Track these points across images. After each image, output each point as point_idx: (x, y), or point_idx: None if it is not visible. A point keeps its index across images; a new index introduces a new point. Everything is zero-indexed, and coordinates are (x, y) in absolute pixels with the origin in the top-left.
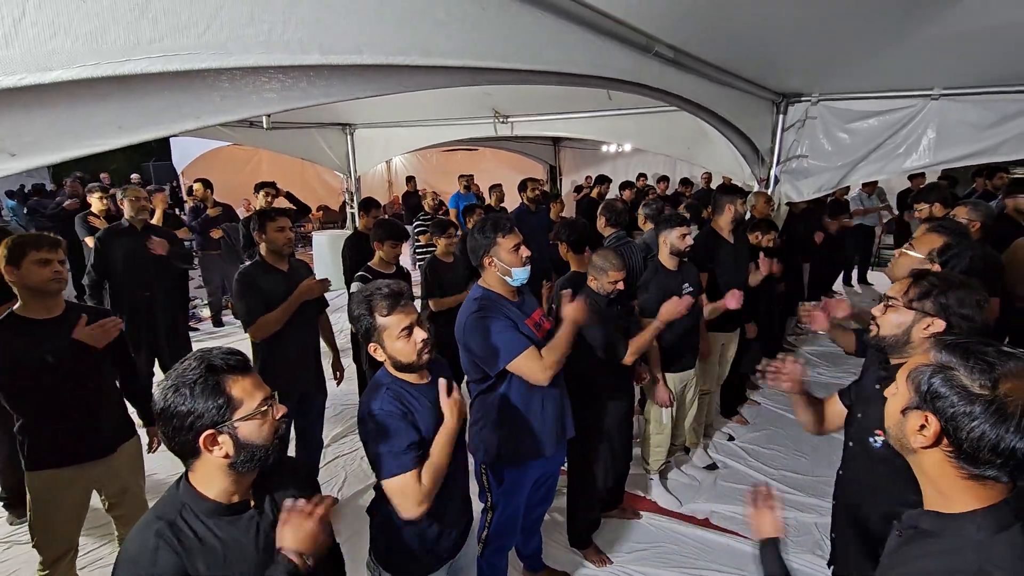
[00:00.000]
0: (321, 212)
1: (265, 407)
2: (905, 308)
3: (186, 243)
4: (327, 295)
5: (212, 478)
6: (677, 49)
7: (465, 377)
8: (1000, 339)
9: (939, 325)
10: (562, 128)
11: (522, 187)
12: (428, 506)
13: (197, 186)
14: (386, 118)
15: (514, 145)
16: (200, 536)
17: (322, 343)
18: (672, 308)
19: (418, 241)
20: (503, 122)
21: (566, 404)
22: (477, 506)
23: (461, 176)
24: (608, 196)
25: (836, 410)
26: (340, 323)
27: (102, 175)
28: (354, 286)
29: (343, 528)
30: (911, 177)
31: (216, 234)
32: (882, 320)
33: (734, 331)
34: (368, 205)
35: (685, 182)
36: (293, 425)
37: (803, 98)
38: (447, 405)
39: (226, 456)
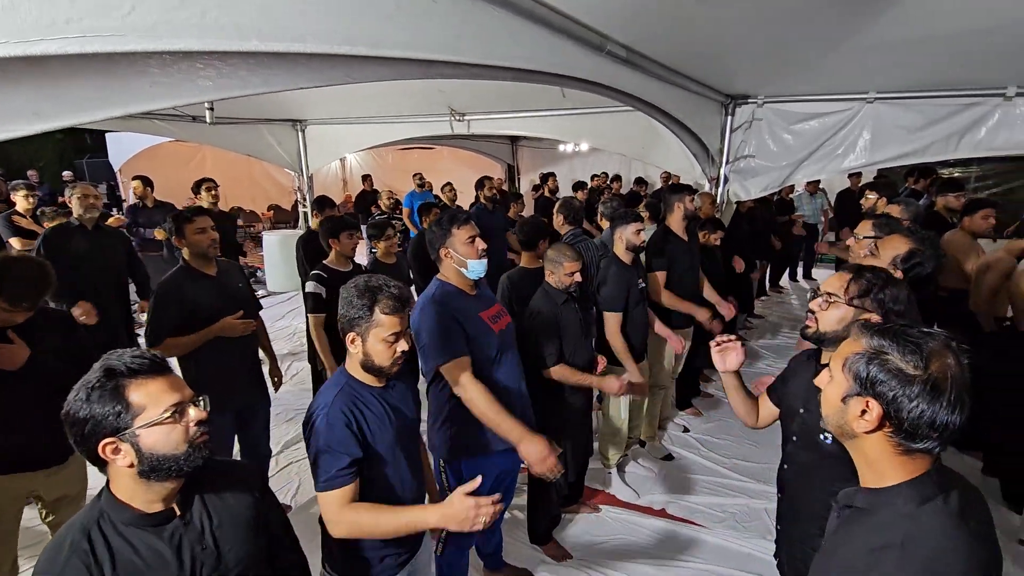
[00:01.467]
0: (272, 212)
1: (172, 412)
2: (846, 304)
3: None
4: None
5: (127, 486)
6: (629, 48)
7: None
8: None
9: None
10: (519, 127)
11: (479, 185)
12: (348, 537)
13: (136, 184)
14: (339, 114)
15: (472, 144)
16: (114, 548)
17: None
18: (615, 387)
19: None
20: (459, 120)
21: (526, 398)
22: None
23: (415, 174)
24: (560, 192)
25: (767, 406)
26: (293, 326)
27: (29, 172)
28: (309, 285)
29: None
30: (850, 176)
31: (160, 235)
32: (822, 316)
33: (687, 327)
34: (322, 204)
35: (640, 181)
36: (237, 439)
37: (750, 100)
38: (458, 507)
39: (131, 465)
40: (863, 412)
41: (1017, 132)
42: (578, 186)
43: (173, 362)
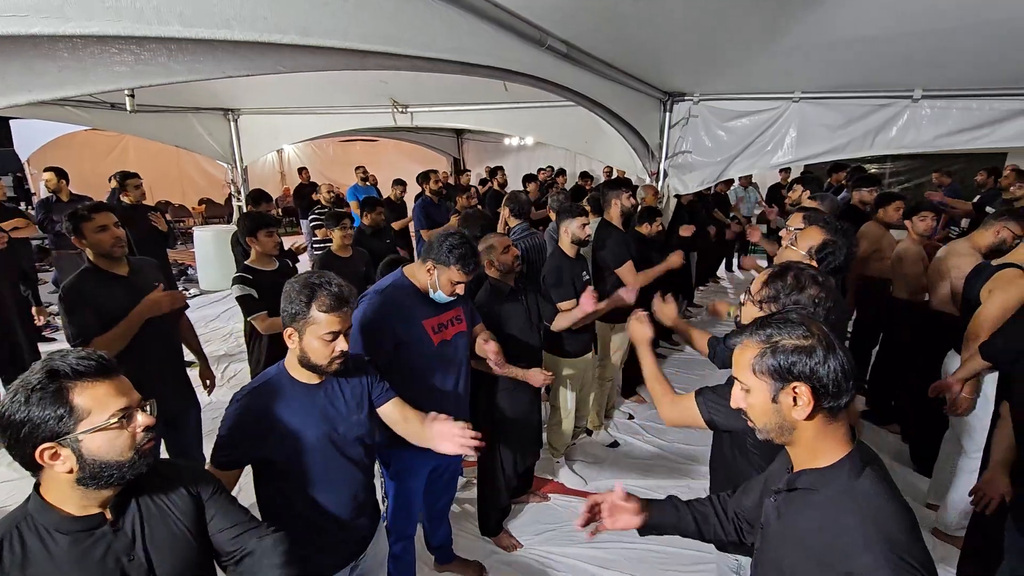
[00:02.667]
0: (204, 206)
1: (119, 418)
2: (753, 305)
3: (36, 242)
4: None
5: (61, 491)
6: (569, 44)
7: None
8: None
9: None
10: (463, 120)
11: (424, 178)
12: None
13: (49, 176)
14: (275, 104)
15: (416, 136)
16: (29, 552)
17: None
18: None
19: (315, 236)
20: (403, 112)
21: (462, 399)
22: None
23: (358, 167)
24: (509, 186)
25: (691, 404)
26: (229, 327)
27: None
28: (235, 290)
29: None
30: (780, 171)
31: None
32: (744, 312)
33: (626, 319)
34: (257, 198)
35: (584, 176)
36: (165, 448)
37: (686, 97)
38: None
39: (70, 472)
40: (795, 399)
41: (923, 132)
42: (528, 179)
43: None
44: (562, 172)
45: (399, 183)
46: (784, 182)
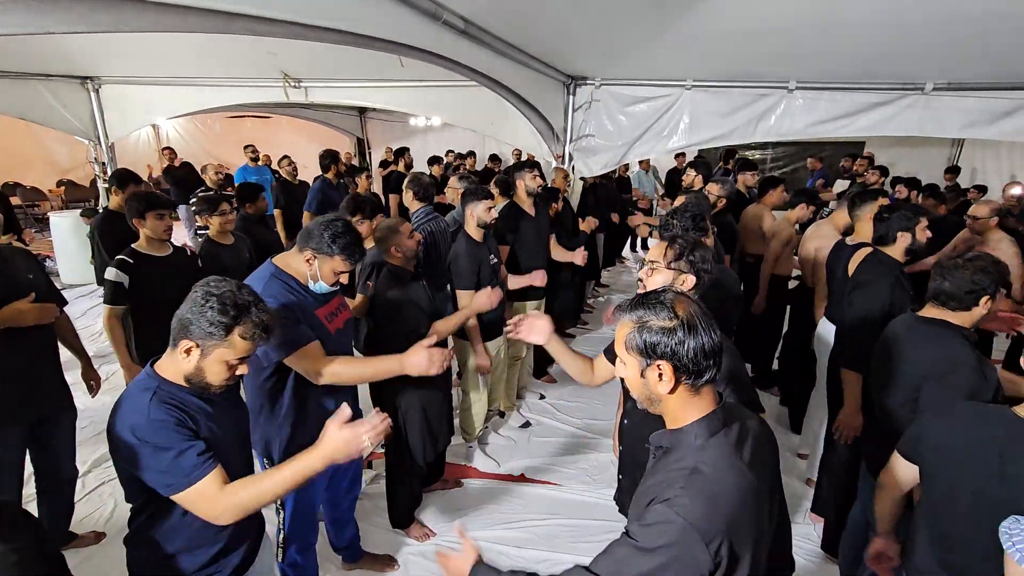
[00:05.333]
0: (63, 188)
1: None
2: (666, 268)
3: None
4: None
5: None
6: (467, 20)
7: None
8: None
9: (691, 280)
10: (364, 97)
11: (328, 159)
12: (238, 519)
13: None
14: (144, 73)
15: (314, 114)
16: None
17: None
18: (484, 300)
19: (197, 222)
20: (295, 87)
21: (357, 389)
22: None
23: (247, 146)
24: (416, 168)
25: (603, 364)
26: (98, 324)
27: None
28: (110, 272)
29: (109, 570)
30: (676, 156)
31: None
32: (649, 282)
33: (540, 299)
34: (123, 179)
35: (494, 158)
36: (30, 460)
37: (588, 81)
38: (343, 436)
39: None
40: (660, 376)
41: (796, 120)
42: (433, 161)
43: None
44: (471, 154)
45: (285, 160)
46: (680, 166)
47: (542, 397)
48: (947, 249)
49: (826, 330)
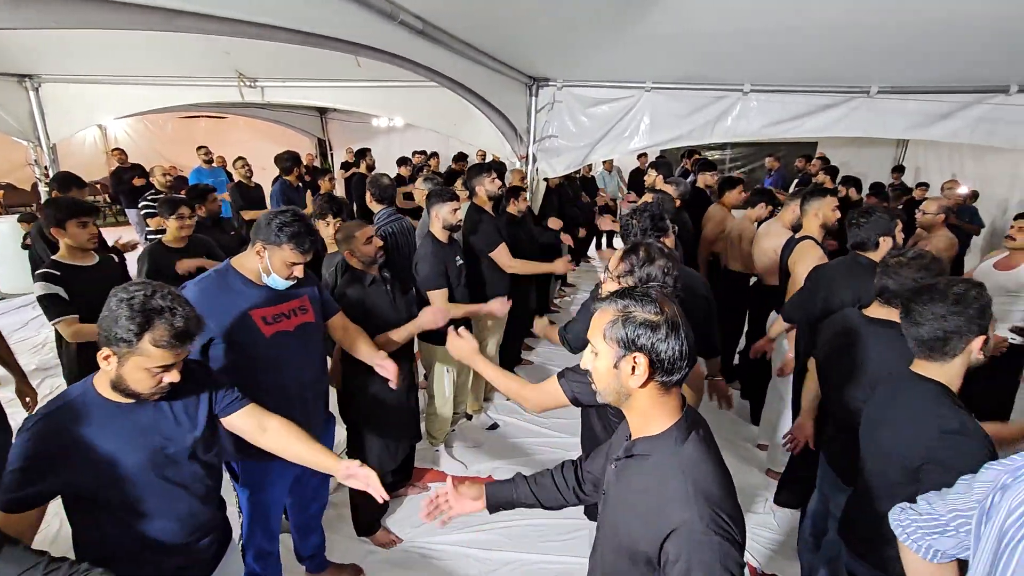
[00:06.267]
0: (1, 192)
1: None
2: (614, 281)
3: None
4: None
5: None
6: (425, 20)
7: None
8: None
9: None
10: (323, 97)
11: (289, 160)
12: None
13: None
14: (88, 71)
15: (272, 114)
16: None
17: None
18: (429, 317)
19: (148, 227)
20: (251, 87)
21: (320, 389)
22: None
23: (200, 147)
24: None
25: (553, 389)
26: (43, 335)
27: None
28: (38, 287)
29: None
30: (639, 156)
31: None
32: (603, 288)
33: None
34: (65, 183)
35: (459, 158)
36: None
37: (550, 83)
38: None
39: None
40: (634, 368)
41: (752, 122)
42: (401, 162)
43: None
44: (435, 155)
45: (239, 161)
46: (642, 167)
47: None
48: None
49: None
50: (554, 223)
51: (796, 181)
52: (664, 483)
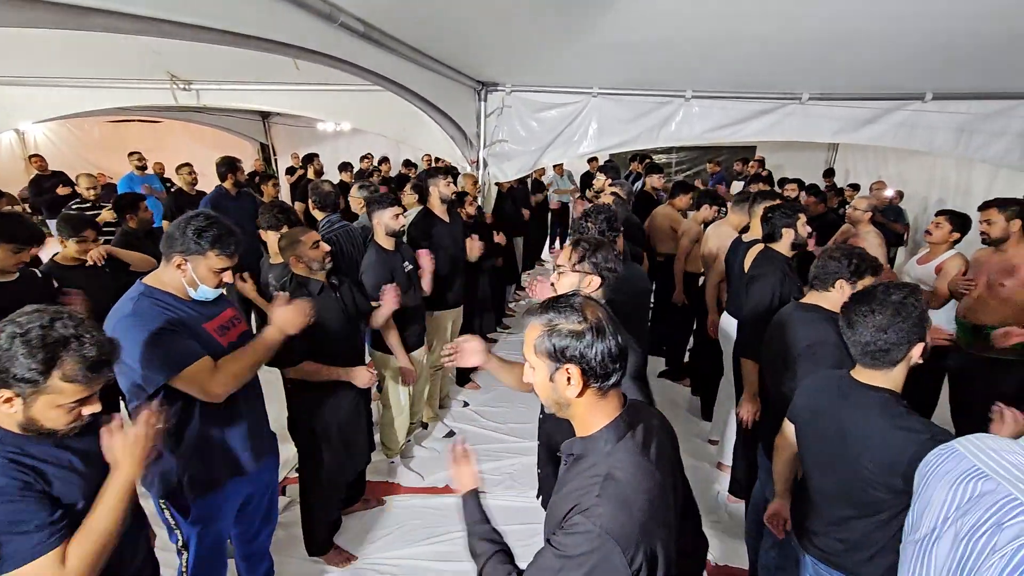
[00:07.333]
0: None
1: None
2: (571, 271)
3: None
4: None
5: None
6: (366, 23)
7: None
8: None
9: (596, 281)
10: (263, 101)
11: (225, 166)
12: None
13: None
14: (3, 71)
15: (210, 118)
16: None
17: None
18: (365, 379)
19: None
20: (185, 89)
21: (261, 398)
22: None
23: (132, 153)
24: (327, 176)
25: None
26: None
27: None
28: None
29: None
30: (589, 160)
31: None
32: (559, 285)
33: (458, 307)
34: None
35: (408, 163)
36: None
37: (499, 88)
38: (118, 446)
39: None
40: (568, 380)
41: (694, 127)
42: (343, 167)
43: None
44: (385, 160)
45: (185, 167)
46: (593, 170)
47: (466, 404)
48: (830, 243)
49: (728, 323)
50: (500, 238)
51: (744, 183)
52: (592, 482)
